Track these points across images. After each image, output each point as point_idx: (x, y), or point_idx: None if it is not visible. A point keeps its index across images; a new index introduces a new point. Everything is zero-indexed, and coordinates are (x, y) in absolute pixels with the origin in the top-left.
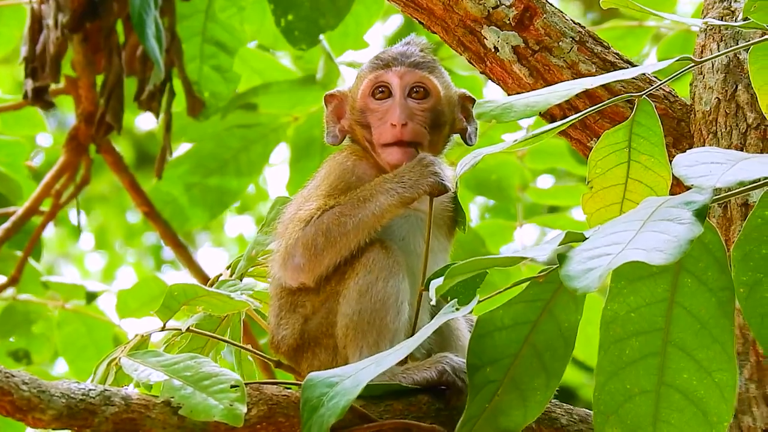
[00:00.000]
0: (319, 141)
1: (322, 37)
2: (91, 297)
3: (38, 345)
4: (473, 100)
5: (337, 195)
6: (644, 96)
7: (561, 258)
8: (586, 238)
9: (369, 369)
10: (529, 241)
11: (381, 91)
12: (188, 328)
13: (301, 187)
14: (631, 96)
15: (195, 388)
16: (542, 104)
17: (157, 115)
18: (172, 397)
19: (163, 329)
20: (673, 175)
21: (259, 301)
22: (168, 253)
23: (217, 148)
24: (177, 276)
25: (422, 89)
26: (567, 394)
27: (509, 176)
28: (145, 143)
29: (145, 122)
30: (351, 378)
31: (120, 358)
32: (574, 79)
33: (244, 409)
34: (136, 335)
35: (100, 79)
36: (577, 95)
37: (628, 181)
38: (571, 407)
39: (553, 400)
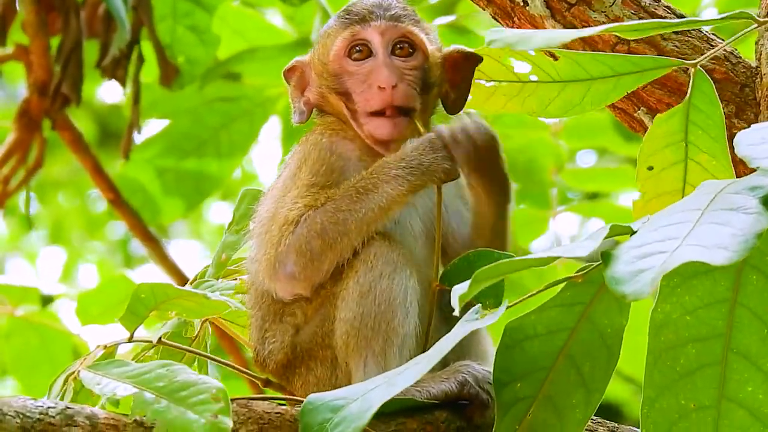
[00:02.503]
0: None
1: None
2: (46, 301)
3: None
4: (468, 57)
5: (322, 183)
6: (699, 67)
7: (605, 257)
8: (635, 232)
9: (379, 390)
10: (566, 233)
11: (359, 50)
12: (159, 339)
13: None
14: (687, 64)
15: (170, 400)
16: (565, 37)
17: (123, 85)
18: (144, 415)
19: (130, 340)
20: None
21: (240, 301)
22: (138, 247)
23: (193, 126)
24: (148, 275)
25: (407, 45)
26: (611, 412)
27: (542, 156)
28: (108, 118)
29: (110, 93)
30: (359, 401)
31: (79, 372)
32: (617, 37)
33: (230, 423)
34: (98, 346)
35: (55, 43)
36: (616, 50)
37: (685, 187)
38: (616, 425)
39: (594, 418)
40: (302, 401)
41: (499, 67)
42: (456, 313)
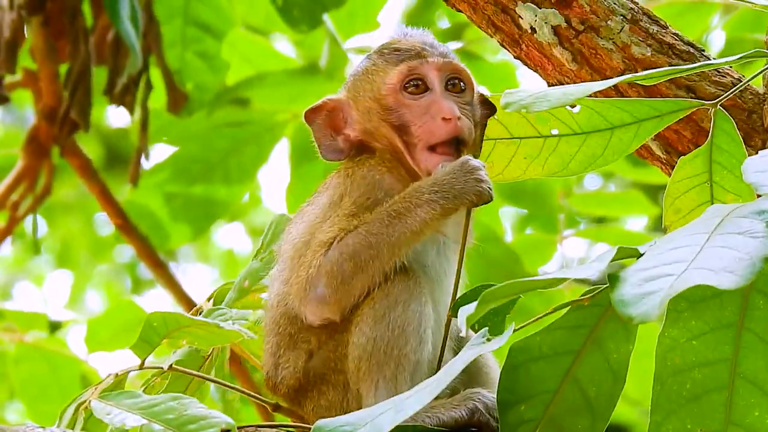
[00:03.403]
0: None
1: (326, 16)
2: (54, 327)
3: None
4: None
5: (362, 214)
6: (719, 106)
7: (612, 279)
8: (641, 255)
9: (388, 415)
10: (574, 258)
11: (415, 84)
12: (170, 366)
13: (303, 201)
14: (706, 105)
15: None
16: (581, 92)
17: (131, 111)
18: None
19: (141, 367)
20: None
21: (254, 332)
22: (146, 270)
23: (202, 151)
24: (156, 300)
25: (458, 81)
26: None
27: (550, 180)
28: (116, 141)
29: (118, 117)
30: (367, 426)
31: (90, 401)
32: (625, 64)
33: None
34: (110, 375)
35: (64, 70)
36: (630, 84)
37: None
38: None
39: None
40: (310, 428)
41: (520, 120)
42: (463, 334)
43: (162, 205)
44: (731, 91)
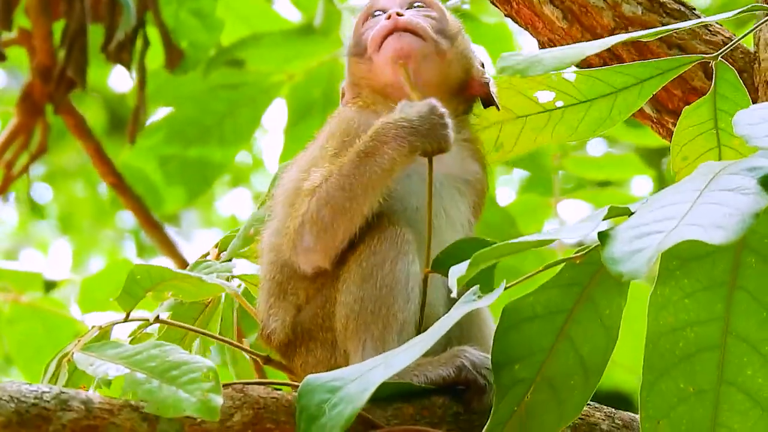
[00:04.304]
0: (320, 102)
1: None
2: (50, 287)
3: None
4: (484, 84)
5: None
6: (720, 58)
7: (602, 237)
8: (632, 213)
9: (377, 371)
10: (570, 221)
11: (375, 15)
12: (157, 317)
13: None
14: (707, 58)
15: (161, 380)
16: (575, 56)
17: (128, 69)
18: (135, 394)
19: (126, 320)
20: None
21: (247, 284)
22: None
23: (197, 113)
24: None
25: (423, 4)
26: (619, 401)
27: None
28: (119, 106)
29: (120, 82)
30: (357, 381)
31: (73, 353)
32: (616, 22)
33: (220, 401)
34: (94, 326)
35: (58, 28)
36: (614, 33)
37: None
38: (613, 410)
39: (591, 403)
40: (299, 385)
41: (523, 101)
42: (454, 294)
43: (156, 168)
44: (730, 45)
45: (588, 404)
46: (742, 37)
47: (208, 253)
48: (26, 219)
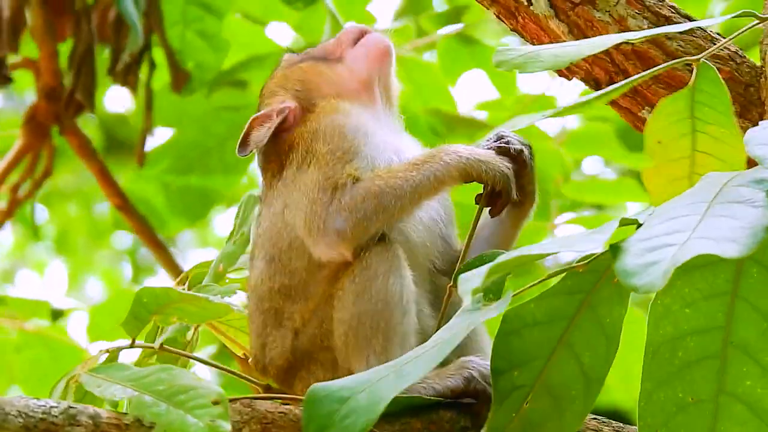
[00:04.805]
0: None
1: None
2: (57, 315)
3: None
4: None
5: (353, 148)
6: (703, 59)
7: (614, 249)
8: (640, 225)
9: (388, 381)
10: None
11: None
12: (161, 345)
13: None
14: (690, 60)
15: (169, 404)
16: (573, 54)
17: (134, 91)
18: (143, 416)
19: (132, 346)
20: None
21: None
22: (146, 256)
23: (199, 135)
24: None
25: None
26: (618, 419)
27: (547, 166)
28: (115, 127)
29: (116, 102)
30: (367, 392)
31: (80, 375)
32: None
33: (228, 427)
34: (101, 351)
35: (64, 49)
36: (626, 56)
37: (695, 154)
38: (621, 425)
39: (599, 417)
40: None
41: None
42: (467, 304)
43: (158, 192)
44: (715, 47)
45: (595, 418)
46: (730, 39)
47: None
48: (24, 240)
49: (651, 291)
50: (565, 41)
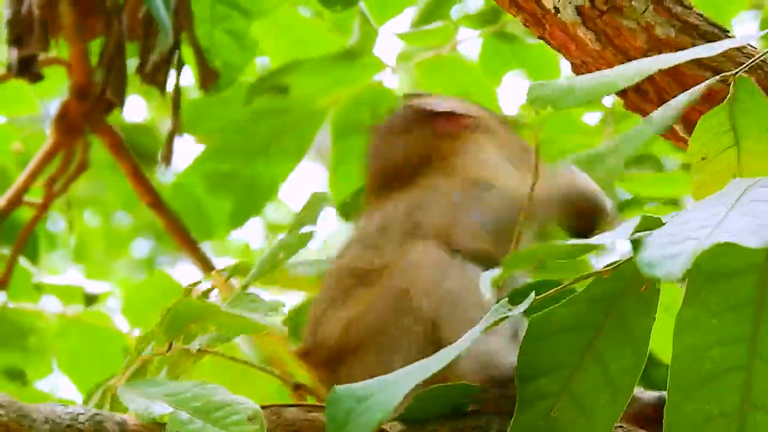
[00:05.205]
0: (365, 127)
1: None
2: (90, 300)
3: (35, 360)
4: None
5: None
6: (739, 74)
7: (636, 244)
8: (664, 224)
9: (409, 377)
10: None
11: None
12: (199, 349)
13: (346, 182)
14: (724, 77)
15: (205, 420)
16: (608, 88)
17: (163, 91)
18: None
19: (168, 350)
20: None
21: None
22: (164, 264)
23: (241, 140)
24: (189, 272)
25: None
26: None
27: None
28: (134, 137)
29: (134, 111)
30: (386, 390)
31: (117, 388)
32: (649, 44)
33: None
34: (140, 356)
35: (95, 48)
36: (647, 56)
37: (741, 169)
38: None
39: (620, 424)
40: None
41: None
42: (487, 297)
43: (205, 194)
44: (750, 62)
45: (620, 426)
46: (763, 54)
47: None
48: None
49: (671, 279)
50: (591, 48)
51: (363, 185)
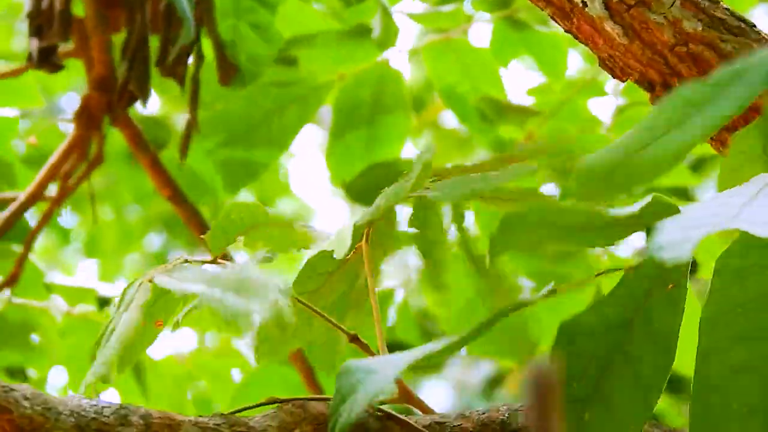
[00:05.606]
0: (368, 104)
1: None
2: (104, 303)
3: (37, 357)
4: None
5: None
6: None
7: (650, 230)
8: (680, 212)
9: (417, 351)
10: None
11: None
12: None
13: (345, 165)
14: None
15: (236, 294)
16: (653, 174)
17: (182, 84)
18: (209, 305)
19: (214, 261)
20: None
21: None
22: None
23: (245, 109)
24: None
25: None
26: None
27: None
28: (149, 129)
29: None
30: (394, 363)
31: (154, 276)
32: (676, 38)
33: (292, 317)
34: (178, 259)
35: (117, 40)
36: (680, 59)
37: None
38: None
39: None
40: None
41: None
42: None
43: (208, 166)
44: None
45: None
46: None
47: None
48: (55, 243)
49: (679, 262)
50: (619, 42)
51: (362, 166)
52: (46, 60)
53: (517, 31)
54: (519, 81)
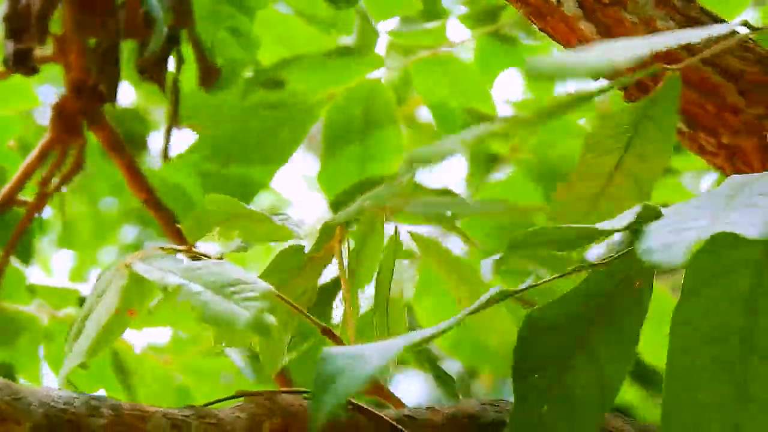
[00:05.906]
0: (359, 121)
1: None
2: (83, 303)
3: (24, 360)
4: None
5: None
6: (679, 71)
7: (637, 233)
8: (662, 215)
9: (403, 339)
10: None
11: None
12: (221, 256)
13: (338, 183)
14: (666, 69)
15: (217, 294)
16: (605, 67)
17: (162, 87)
18: (190, 303)
19: (189, 251)
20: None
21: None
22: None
23: (237, 133)
24: None
25: None
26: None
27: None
28: (126, 122)
29: (127, 95)
30: (380, 350)
31: (133, 263)
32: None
33: (274, 321)
34: (155, 248)
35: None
36: (654, 58)
37: (615, 173)
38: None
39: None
40: None
41: None
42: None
43: (195, 184)
44: (696, 57)
45: (617, 416)
46: (721, 46)
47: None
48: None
49: (672, 266)
50: (593, 41)
51: (354, 183)
52: (22, 63)
53: (502, 45)
54: (509, 94)
